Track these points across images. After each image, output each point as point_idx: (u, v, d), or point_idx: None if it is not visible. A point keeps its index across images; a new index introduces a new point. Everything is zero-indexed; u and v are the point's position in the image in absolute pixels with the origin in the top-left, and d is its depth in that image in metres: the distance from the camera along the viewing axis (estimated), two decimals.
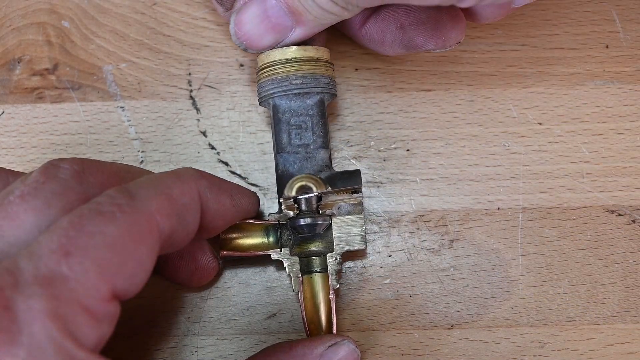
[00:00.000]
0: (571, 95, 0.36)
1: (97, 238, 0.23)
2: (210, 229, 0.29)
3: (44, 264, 0.22)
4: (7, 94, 0.36)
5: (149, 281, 0.25)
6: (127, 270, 0.23)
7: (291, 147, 0.31)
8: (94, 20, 0.37)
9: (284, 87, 0.31)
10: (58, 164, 0.26)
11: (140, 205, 0.24)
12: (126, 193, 0.25)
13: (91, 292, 0.22)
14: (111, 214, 0.23)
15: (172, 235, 0.26)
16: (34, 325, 0.21)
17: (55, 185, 0.25)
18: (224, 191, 0.29)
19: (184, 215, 0.26)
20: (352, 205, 0.32)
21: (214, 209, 0.28)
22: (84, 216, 0.23)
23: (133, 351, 0.33)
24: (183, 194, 0.26)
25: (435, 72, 0.36)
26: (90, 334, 0.22)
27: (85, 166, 0.26)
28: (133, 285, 0.24)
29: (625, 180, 0.35)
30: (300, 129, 0.32)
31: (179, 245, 0.27)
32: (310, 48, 0.31)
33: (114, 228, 0.23)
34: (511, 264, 0.34)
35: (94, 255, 0.22)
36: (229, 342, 0.34)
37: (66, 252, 0.22)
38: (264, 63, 0.32)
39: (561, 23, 0.36)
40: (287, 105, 0.32)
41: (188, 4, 0.37)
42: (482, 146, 0.35)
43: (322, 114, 0.32)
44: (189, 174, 0.28)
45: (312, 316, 0.31)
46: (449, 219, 0.35)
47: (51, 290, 0.22)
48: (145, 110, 0.36)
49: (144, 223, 0.24)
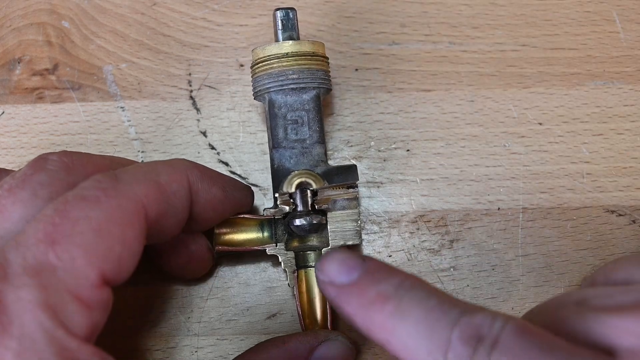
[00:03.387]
0: (571, 95, 0.36)
1: (82, 223, 0.23)
2: (200, 221, 0.29)
3: (32, 253, 0.22)
4: (7, 94, 0.36)
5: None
6: (115, 255, 0.23)
7: (287, 142, 0.31)
8: (94, 20, 0.37)
9: (280, 82, 0.31)
10: (47, 156, 0.26)
11: (126, 188, 0.24)
12: (112, 177, 0.24)
13: (80, 280, 0.22)
14: (95, 198, 0.23)
15: (159, 221, 0.25)
16: (25, 316, 0.21)
17: (43, 176, 0.25)
18: (215, 182, 0.29)
19: (172, 201, 0.26)
20: (347, 200, 0.32)
21: (205, 199, 0.28)
22: (68, 202, 0.23)
23: (133, 351, 0.33)
24: (172, 181, 0.26)
25: (436, 72, 0.36)
26: (81, 322, 0.22)
27: (74, 158, 0.26)
28: (122, 269, 0.24)
29: (625, 181, 0.35)
30: (296, 124, 0.32)
31: (169, 234, 0.27)
32: (306, 42, 0.31)
33: (99, 212, 0.23)
34: (511, 264, 0.34)
35: (80, 241, 0.22)
36: (229, 342, 0.34)
37: (52, 240, 0.22)
38: (259, 57, 0.32)
39: (561, 23, 0.36)
40: (283, 100, 0.31)
41: (188, 4, 0.37)
42: (483, 146, 0.35)
43: (318, 109, 0.32)
44: (180, 163, 0.28)
45: (308, 310, 0.31)
46: (449, 219, 0.35)
47: (40, 280, 0.22)
48: (145, 110, 0.36)
49: (129, 206, 0.24)
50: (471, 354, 0.22)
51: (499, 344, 0.22)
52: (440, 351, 0.22)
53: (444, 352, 0.22)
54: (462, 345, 0.22)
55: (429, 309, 0.23)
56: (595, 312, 0.23)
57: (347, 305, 0.25)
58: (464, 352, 0.22)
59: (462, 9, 0.37)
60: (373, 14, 0.37)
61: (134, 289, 0.33)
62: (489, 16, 0.37)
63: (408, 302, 0.23)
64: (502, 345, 0.21)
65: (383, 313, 0.24)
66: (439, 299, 0.23)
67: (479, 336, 0.22)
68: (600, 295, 0.24)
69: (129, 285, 0.33)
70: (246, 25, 0.37)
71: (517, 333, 0.22)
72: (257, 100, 0.33)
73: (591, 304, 0.24)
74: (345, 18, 0.37)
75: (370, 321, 0.24)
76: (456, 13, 0.37)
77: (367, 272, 0.25)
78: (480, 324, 0.22)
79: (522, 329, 0.22)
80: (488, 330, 0.22)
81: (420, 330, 0.23)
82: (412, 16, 0.37)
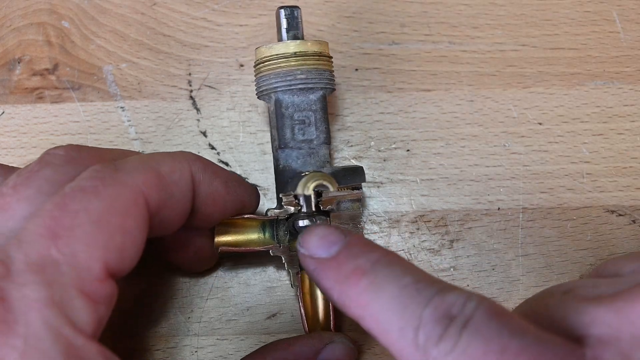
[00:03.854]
0: (571, 95, 0.36)
1: (82, 216, 0.22)
2: (203, 215, 0.28)
3: (34, 249, 0.22)
4: (7, 94, 0.36)
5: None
6: (116, 245, 0.23)
7: (294, 143, 0.31)
8: (94, 20, 0.37)
9: (288, 82, 0.31)
10: (53, 151, 0.26)
11: (125, 177, 0.24)
12: (111, 167, 0.24)
13: (84, 274, 0.22)
14: (94, 189, 0.23)
15: (161, 211, 0.25)
16: (30, 314, 0.21)
17: (48, 171, 0.25)
18: (218, 176, 0.28)
19: (172, 191, 0.26)
20: (350, 201, 0.32)
21: (206, 191, 0.28)
22: (66, 195, 0.23)
23: (133, 351, 0.33)
24: (173, 171, 0.26)
25: (436, 72, 0.36)
26: (87, 317, 0.22)
27: (81, 151, 0.26)
28: (125, 259, 0.23)
29: (625, 181, 0.35)
30: (303, 124, 0.31)
31: (172, 226, 0.27)
32: (313, 42, 0.31)
33: (98, 203, 0.23)
34: (511, 264, 0.34)
35: (80, 234, 0.22)
36: (229, 342, 0.34)
37: (53, 234, 0.22)
38: (265, 56, 0.31)
39: (561, 23, 0.36)
40: (290, 100, 0.31)
41: (188, 4, 0.37)
42: (482, 146, 0.35)
43: (325, 110, 0.32)
44: (182, 154, 0.27)
45: (311, 311, 0.31)
46: (449, 219, 0.35)
47: (44, 276, 0.21)
48: (146, 110, 0.36)
49: (128, 195, 0.24)
50: (441, 333, 0.22)
51: (470, 324, 0.22)
52: (412, 328, 0.22)
53: (415, 329, 0.22)
54: (433, 323, 0.22)
55: (404, 286, 0.23)
56: (576, 302, 0.24)
57: (324, 279, 0.25)
58: (434, 330, 0.22)
59: (462, 9, 0.37)
60: (373, 14, 0.37)
61: (134, 289, 0.33)
62: (489, 16, 0.37)
63: (383, 278, 0.23)
64: (473, 326, 0.21)
65: (358, 287, 0.24)
66: (415, 276, 0.23)
67: (450, 315, 0.22)
68: (586, 285, 0.25)
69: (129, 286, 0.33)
70: (246, 25, 0.37)
71: (489, 315, 0.22)
72: (260, 99, 0.32)
73: (575, 293, 0.24)
74: (345, 18, 0.37)
75: (345, 295, 0.24)
76: (456, 13, 0.37)
77: (346, 247, 0.25)
78: (453, 303, 0.22)
79: (494, 311, 0.22)
80: (460, 310, 0.22)
81: (393, 307, 0.23)
82: (412, 16, 0.37)
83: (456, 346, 0.21)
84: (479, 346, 0.21)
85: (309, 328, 0.31)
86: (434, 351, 0.22)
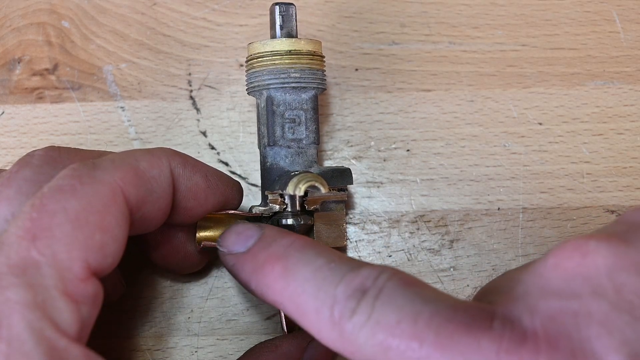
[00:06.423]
0: (571, 95, 0.36)
1: (60, 216, 0.22)
2: (183, 211, 0.28)
3: (14, 251, 0.22)
4: (7, 94, 0.36)
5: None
6: (96, 243, 0.23)
7: (284, 141, 0.31)
8: (94, 20, 0.37)
9: (282, 79, 0.31)
10: (33, 152, 0.26)
11: (102, 174, 0.24)
12: (89, 165, 0.24)
13: (65, 274, 0.22)
14: (71, 187, 0.23)
15: (141, 208, 0.25)
16: (12, 317, 0.21)
17: (28, 172, 0.25)
18: (198, 170, 0.28)
19: (151, 186, 0.26)
20: (334, 202, 0.31)
21: (186, 186, 0.27)
22: (44, 195, 0.23)
23: (133, 351, 0.33)
24: (152, 167, 0.26)
25: (436, 72, 0.36)
26: (70, 318, 0.22)
27: (61, 152, 0.26)
28: (107, 257, 0.23)
29: (625, 181, 0.35)
30: (294, 123, 0.31)
31: (153, 222, 0.26)
32: (307, 41, 0.31)
33: (75, 202, 0.23)
34: (511, 264, 0.34)
35: (59, 234, 0.22)
36: (229, 342, 0.34)
37: (33, 236, 0.22)
38: (259, 52, 0.31)
39: (561, 23, 0.36)
40: (282, 98, 0.31)
41: (188, 4, 0.37)
42: (482, 146, 0.35)
43: (315, 109, 0.32)
44: (161, 150, 0.27)
45: None
46: (449, 219, 0.35)
47: (25, 279, 0.21)
48: (145, 110, 0.36)
49: (106, 192, 0.24)
50: (354, 307, 0.22)
51: (383, 295, 0.22)
52: (327, 307, 0.22)
53: (330, 308, 0.22)
54: (347, 299, 0.22)
55: (317, 268, 0.23)
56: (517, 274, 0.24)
57: (242, 272, 0.25)
58: (348, 305, 0.22)
59: (462, 9, 0.37)
60: (373, 14, 0.37)
61: (134, 289, 0.33)
62: (489, 16, 0.37)
63: (296, 262, 0.24)
64: (385, 296, 0.22)
65: (273, 274, 0.24)
66: (328, 257, 0.24)
67: (363, 289, 0.22)
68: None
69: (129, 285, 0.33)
70: (246, 25, 0.37)
71: (401, 285, 0.22)
72: (250, 95, 0.32)
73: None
74: (345, 18, 0.37)
75: (262, 284, 0.24)
76: (456, 13, 0.37)
77: (261, 239, 0.25)
78: (366, 277, 0.22)
79: (406, 281, 0.22)
80: (372, 283, 0.22)
81: (308, 289, 0.23)
82: (412, 16, 0.37)
83: (370, 318, 0.22)
84: (393, 315, 0.21)
85: (287, 329, 0.31)
86: (349, 325, 0.22)
